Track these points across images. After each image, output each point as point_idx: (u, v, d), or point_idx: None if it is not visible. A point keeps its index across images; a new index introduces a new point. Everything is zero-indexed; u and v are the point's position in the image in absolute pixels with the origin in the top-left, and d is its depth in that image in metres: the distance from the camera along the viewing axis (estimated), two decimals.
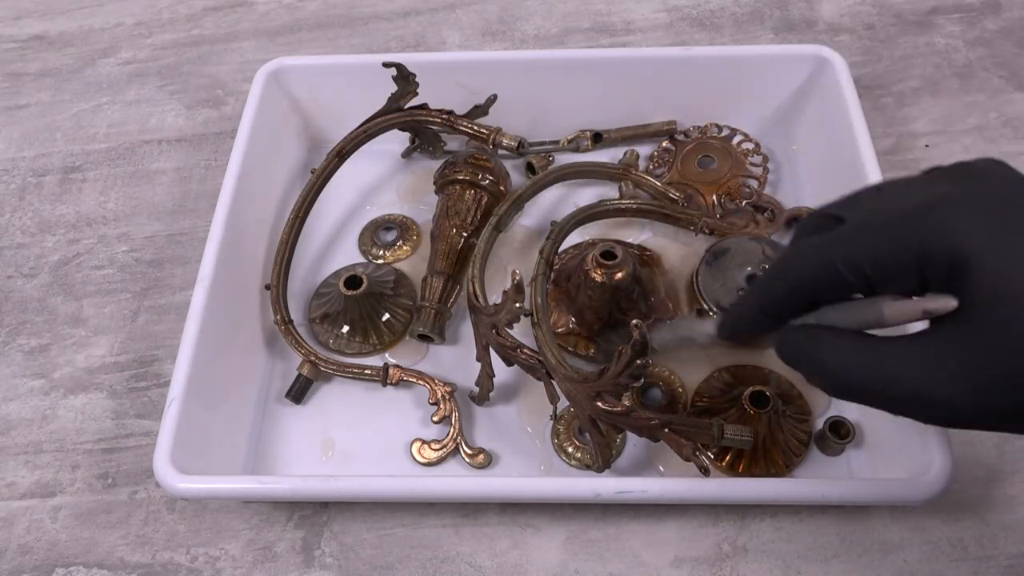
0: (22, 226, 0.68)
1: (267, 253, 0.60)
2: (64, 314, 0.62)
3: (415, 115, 0.62)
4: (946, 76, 0.71)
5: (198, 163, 0.71)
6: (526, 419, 0.54)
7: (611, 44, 0.76)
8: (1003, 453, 0.52)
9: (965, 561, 0.48)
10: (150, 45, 0.80)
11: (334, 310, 0.57)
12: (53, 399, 0.58)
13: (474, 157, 0.61)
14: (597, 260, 0.53)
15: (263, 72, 0.63)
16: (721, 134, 0.65)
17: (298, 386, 0.55)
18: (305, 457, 0.53)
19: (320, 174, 0.61)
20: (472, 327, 0.52)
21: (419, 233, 0.63)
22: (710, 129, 0.65)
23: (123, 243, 0.66)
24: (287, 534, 0.51)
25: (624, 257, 0.53)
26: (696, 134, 0.66)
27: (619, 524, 0.50)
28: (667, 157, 0.65)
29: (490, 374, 0.52)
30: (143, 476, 0.54)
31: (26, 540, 0.52)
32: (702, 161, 0.64)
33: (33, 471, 0.55)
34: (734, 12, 0.78)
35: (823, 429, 0.51)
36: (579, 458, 0.51)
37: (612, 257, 0.53)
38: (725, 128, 0.65)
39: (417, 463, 0.52)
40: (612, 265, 0.53)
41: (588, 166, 0.63)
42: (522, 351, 0.48)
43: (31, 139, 0.74)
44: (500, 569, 0.49)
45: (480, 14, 0.80)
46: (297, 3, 0.83)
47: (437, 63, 0.64)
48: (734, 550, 0.49)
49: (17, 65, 0.80)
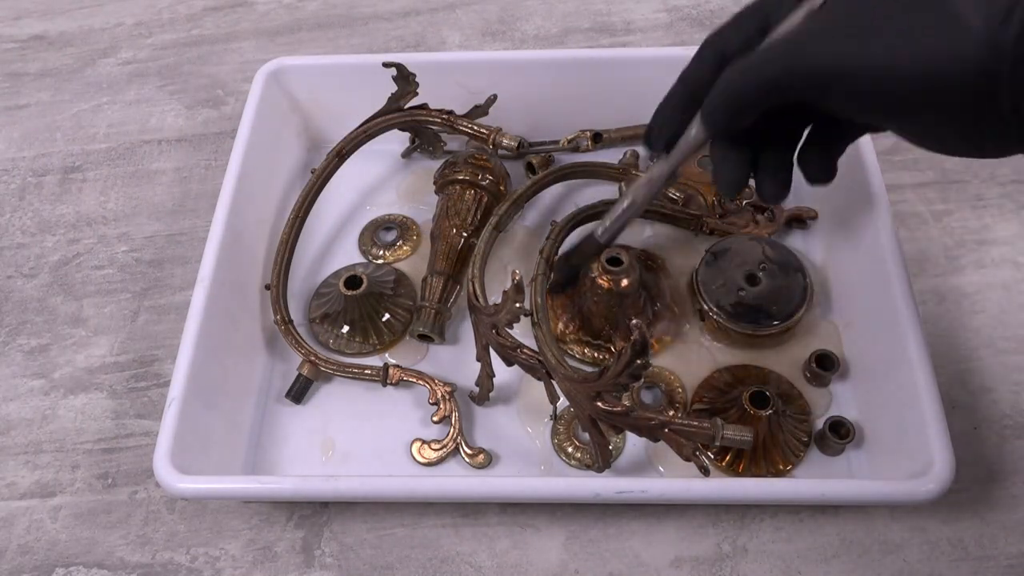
0: (22, 226, 0.68)
1: (267, 253, 0.60)
2: (64, 314, 0.62)
3: (415, 115, 0.62)
4: None
5: (198, 163, 0.71)
6: (526, 419, 0.54)
7: (611, 44, 0.76)
8: (1003, 453, 0.52)
9: (965, 561, 0.48)
10: (150, 45, 0.80)
11: (334, 310, 0.57)
12: (53, 399, 0.58)
13: (474, 157, 0.61)
14: (603, 266, 0.53)
15: (263, 72, 0.63)
16: None
17: (298, 386, 0.55)
18: (305, 457, 0.53)
19: (320, 174, 0.61)
20: (472, 327, 0.52)
21: (419, 233, 0.63)
22: None
23: (123, 243, 0.66)
24: (287, 534, 0.51)
25: (630, 263, 0.53)
26: None
27: (619, 524, 0.50)
28: None
29: (490, 374, 0.52)
30: (143, 476, 0.54)
31: (26, 540, 0.52)
32: (702, 161, 0.64)
33: (33, 471, 0.55)
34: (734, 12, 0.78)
35: (823, 429, 0.51)
36: (579, 458, 0.51)
37: (618, 263, 0.53)
38: None
39: (417, 463, 0.52)
40: (618, 271, 0.53)
41: (588, 166, 0.63)
42: (522, 351, 0.48)
43: (31, 139, 0.74)
44: (500, 569, 0.49)
45: (480, 14, 0.80)
46: (297, 3, 0.83)
47: (437, 63, 0.64)
48: (734, 550, 0.49)
49: (17, 65, 0.80)
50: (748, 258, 0.56)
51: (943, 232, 0.61)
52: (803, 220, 0.60)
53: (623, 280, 0.53)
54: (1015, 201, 0.63)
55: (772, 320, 0.54)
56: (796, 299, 0.54)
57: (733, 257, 0.56)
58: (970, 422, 0.53)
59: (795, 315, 0.54)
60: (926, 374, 0.46)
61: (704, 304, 0.55)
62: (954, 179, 0.64)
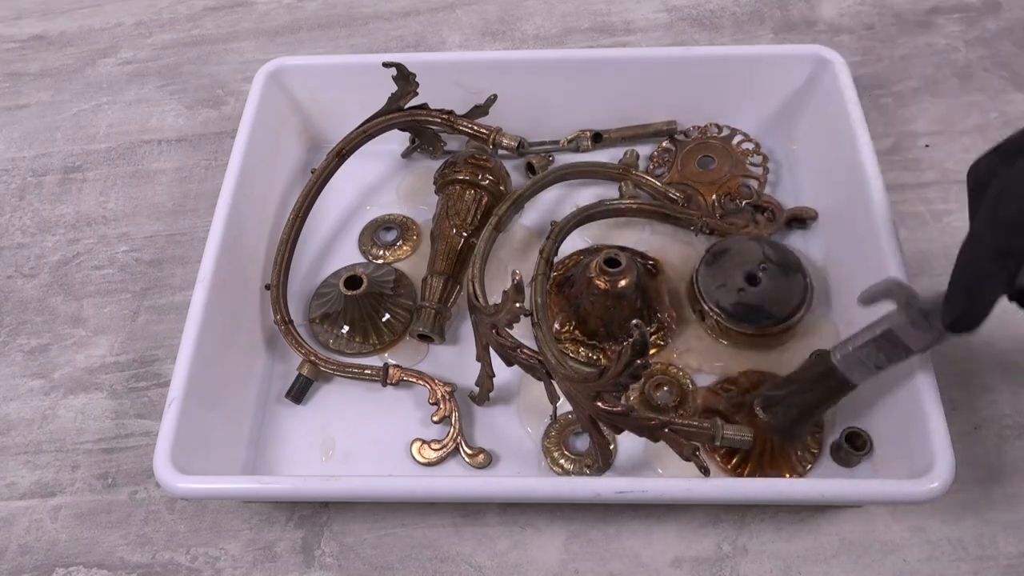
0: (22, 226, 0.68)
1: (267, 253, 0.60)
2: (64, 314, 0.62)
3: (415, 115, 0.62)
4: (946, 76, 0.71)
5: (198, 163, 0.71)
6: (526, 419, 0.54)
7: (611, 44, 0.76)
8: (1003, 453, 0.52)
9: (965, 561, 0.48)
10: (150, 45, 0.80)
11: (334, 310, 0.57)
12: (53, 399, 0.58)
13: (474, 157, 0.61)
14: (600, 267, 0.53)
15: (263, 72, 0.63)
16: (721, 134, 0.65)
17: (298, 386, 0.55)
18: (305, 457, 0.53)
19: (320, 174, 0.61)
20: (472, 327, 0.52)
21: (419, 233, 0.63)
22: (710, 129, 0.65)
23: (123, 243, 0.66)
24: (287, 534, 0.51)
25: (628, 264, 0.53)
26: (696, 134, 0.66)
27: (619, 524, 0.50)
28: (667, 157, 0.65)
29: (490, 374, 0.52)
30: (143, 476, 0.54)
31: (26, 540, 0.52)
32: (702, 161, 0.64)
33: (33, 471, 0.55)
34: (734, 12, 0.78)
35: (839, 440, 0.50)
36: (569, 470, 0.51)
37: (616, 264, 0.53)
38: (725, 128, 0.65)
39: (417, 463, 0.52)
40: (615, 272, 0.53)
41: (588, 166, 0.63)
42: (522, 351, 0.48)
43: (31, 139, 0.74)
44: (500, 569, 0.49)
45: (480, 14, 0.80)
46: (297, 3, 0.83)
47: (437, 63, 0.64)
48: (734, 550, 0.49)
49: (17, 65, 0.80)
50: (748, 258, 0.56)
51: (943, 232, 0.61)
52: (803, 220, 0.60)
53: (620, 281, 0.53)
54: None
55: (772, 320, 0.54)
56: (796, 299, 0.54)
57: (733, 257, 0.56)
58: (970, 422, 0.53)
59: (795, 315, 0.54)
60: (926, 374, 0.46)
61: (704, 304, 0.55)
62: (954, 179, 0.64)
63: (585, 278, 0.54)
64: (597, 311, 0.54)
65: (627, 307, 0.54)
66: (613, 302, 0.53)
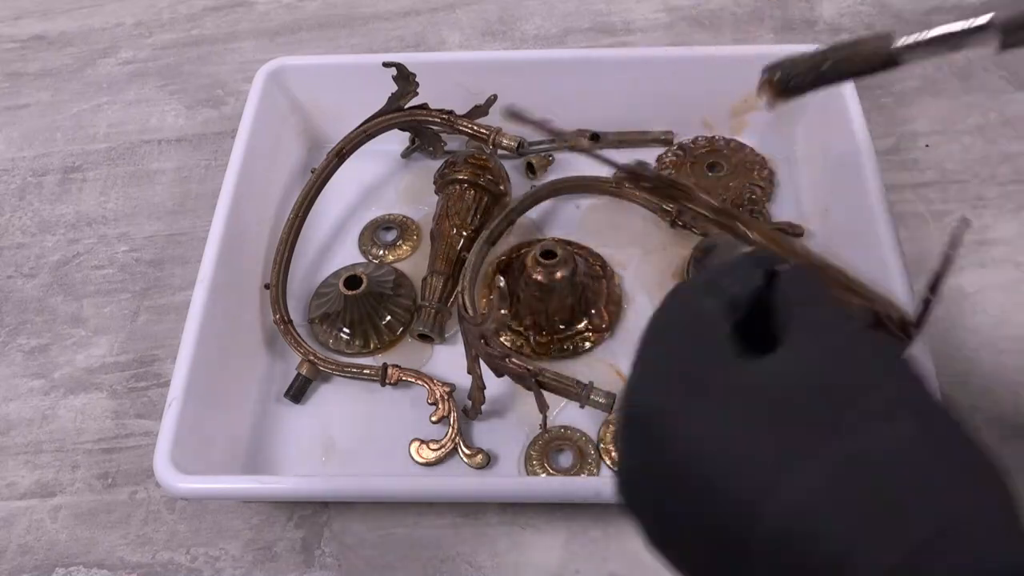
0: (22, 226, 0.68)
1: (267, 253, 0.60)
2: (64, 314, 0.62)
3: (415, 115, 0.62)
4: (946, 76, 0.71)
5: (198, 163, 0.71)
6: (524, 419, 0.54)
7: (611, 44, 0.76)
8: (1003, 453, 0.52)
9: None
10: (150, 45, 0.80)
11: (334, 310, 0.57)
12: (53, 399, 0.58)
13: (474, 157, 0.61)
14: (536, 258, 0.53)
15: (263, 72, 0.63)
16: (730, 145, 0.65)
17: (297, 385, 0.55)
18: (305, 457, 0.53)
19: (320, 174, 0.61)
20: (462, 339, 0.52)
21: (419, 233, 0.63)
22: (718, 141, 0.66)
23: (123, 243, 0.66)
24: (287, 534, 0.51)
25: (564, 257, 0.53)
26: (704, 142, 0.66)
27: (619, 524, 0.50)
28: (676, 161, 0.65)
29: (481, 387, 0.52)
30: (143, 476, 0.54)
31: (26, 540, 0.52)
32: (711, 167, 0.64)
33: (33, 471, 0.55)
34: (734, 12, 0.78)
35: None
36: None
37: (552, 256, 0.53)
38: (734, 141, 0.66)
39: (416, 463, 0.52)
40: (551, 264, 0.53)
41: (582, 180, 0.63)
42: (511, 360, 0.48)
43: (31, 139, 0.74)
44: (500, 569, 0.49)
45: (480, 14, 0.80)
46: (297, 3, 0.83)
47: (437, 63, 0.64)
48: None
49: (17, 65, 0.80)
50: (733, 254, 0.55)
51: (943, 232, 0.61)
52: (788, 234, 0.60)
53: (556, 273, 0.53)
54: (1015, 201, 0.63)
55: None
56: None
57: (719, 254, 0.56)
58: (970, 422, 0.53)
59: None
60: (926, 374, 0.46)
61: None
62: (954, 179, 0.64)
63: (521, 265, 0.54)
64: (527, 299, 0.54)
65: (557, 301, 0.54)
66: (544, 294, 0.53)
